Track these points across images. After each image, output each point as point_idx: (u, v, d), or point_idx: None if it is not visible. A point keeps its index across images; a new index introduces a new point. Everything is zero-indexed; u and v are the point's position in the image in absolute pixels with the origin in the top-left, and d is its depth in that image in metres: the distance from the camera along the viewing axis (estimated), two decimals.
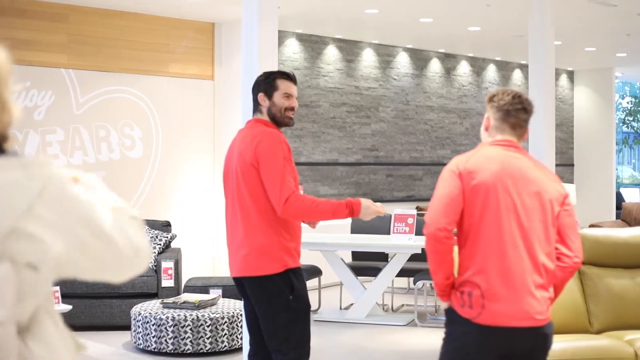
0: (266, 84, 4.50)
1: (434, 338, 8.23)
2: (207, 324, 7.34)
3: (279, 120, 4.48)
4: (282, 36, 11.76)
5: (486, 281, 3.40)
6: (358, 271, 9.37)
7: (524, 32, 9.08)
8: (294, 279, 4.40)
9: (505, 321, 3.39)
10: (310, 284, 10.05)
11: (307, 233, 10.05)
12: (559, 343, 5.10)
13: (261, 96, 4.48)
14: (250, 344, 4.67)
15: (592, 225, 12.97)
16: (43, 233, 1.73)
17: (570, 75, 17.43)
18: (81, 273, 1.85)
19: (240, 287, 4.54)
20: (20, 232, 1.71)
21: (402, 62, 13.83)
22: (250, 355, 4.68)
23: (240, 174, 4.34)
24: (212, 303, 7.70)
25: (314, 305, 9.84)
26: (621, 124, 25.27)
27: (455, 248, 3.53)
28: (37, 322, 1.80)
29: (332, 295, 10.33)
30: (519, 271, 3.40)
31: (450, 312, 3.54)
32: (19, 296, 1.71)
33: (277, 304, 4.36)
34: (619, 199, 17.53)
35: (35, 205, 1.71)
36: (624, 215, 14.36)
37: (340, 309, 9.57)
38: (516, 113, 3.59)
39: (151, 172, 10.24)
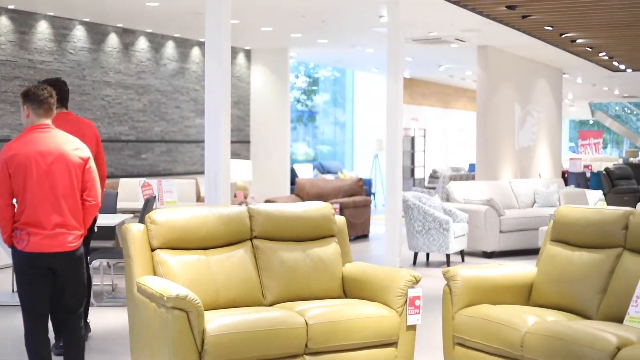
0: None
1: (112, 316, 8.11)
2: None
3: None
4: None
5: (31, 225, 5.15)
6: None
7: (202, 10, 9.12)
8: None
9: (45, 248, 5.17)
10: None
11: None
12: (233, 316, 5.18)
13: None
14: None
15: (267, 201, 13.35)
16: None
17: (248, 54, 17.78)
18: None
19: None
20: None
21: (79, 36, 13.44)
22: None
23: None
24: None
25: None
26: (296, 103, 26.16)
27: None
28: None
29: (3, 278, 9.91)
30: (53, 216, 5.18)
31: (12, 250, 5.26)
32: None
33: (83, 269, 5.56)
34: (293, 174, 18.18)
35: None
36: (298, 190, 14.92)
37: (13, 291, 9.15)
38: (46, 100, 5.27)
39: None
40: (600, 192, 13.91)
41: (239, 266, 5.75)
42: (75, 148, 5.32)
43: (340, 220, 6.40)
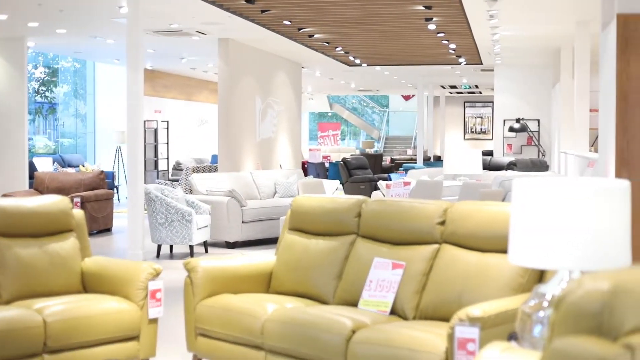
0: None
1: None
2: None
3: None
4: None
5: None
6: None
7: None
8: None
9: None
10: None
11: None
12: None
13: None
14: None
15: (4, 195, 12.85)
16: None
17: None
18: None
19: None
20: None
21: None
22: None
23: None
24: None
25: None
26: (35, 94, 25.31)
27: None
28: None
29: None
30: None
31: None
32: None
33: None
34: (33, 168, 17.59)
35: None
36: (37, 184, 14.49)
37: None
38: None
39: None
40: (337, 181, 14.43)
41: None
42: None
43: (79, 214, 6.29)
